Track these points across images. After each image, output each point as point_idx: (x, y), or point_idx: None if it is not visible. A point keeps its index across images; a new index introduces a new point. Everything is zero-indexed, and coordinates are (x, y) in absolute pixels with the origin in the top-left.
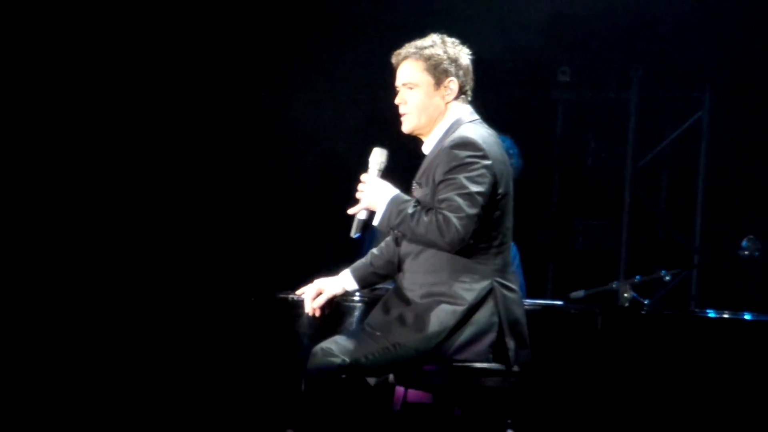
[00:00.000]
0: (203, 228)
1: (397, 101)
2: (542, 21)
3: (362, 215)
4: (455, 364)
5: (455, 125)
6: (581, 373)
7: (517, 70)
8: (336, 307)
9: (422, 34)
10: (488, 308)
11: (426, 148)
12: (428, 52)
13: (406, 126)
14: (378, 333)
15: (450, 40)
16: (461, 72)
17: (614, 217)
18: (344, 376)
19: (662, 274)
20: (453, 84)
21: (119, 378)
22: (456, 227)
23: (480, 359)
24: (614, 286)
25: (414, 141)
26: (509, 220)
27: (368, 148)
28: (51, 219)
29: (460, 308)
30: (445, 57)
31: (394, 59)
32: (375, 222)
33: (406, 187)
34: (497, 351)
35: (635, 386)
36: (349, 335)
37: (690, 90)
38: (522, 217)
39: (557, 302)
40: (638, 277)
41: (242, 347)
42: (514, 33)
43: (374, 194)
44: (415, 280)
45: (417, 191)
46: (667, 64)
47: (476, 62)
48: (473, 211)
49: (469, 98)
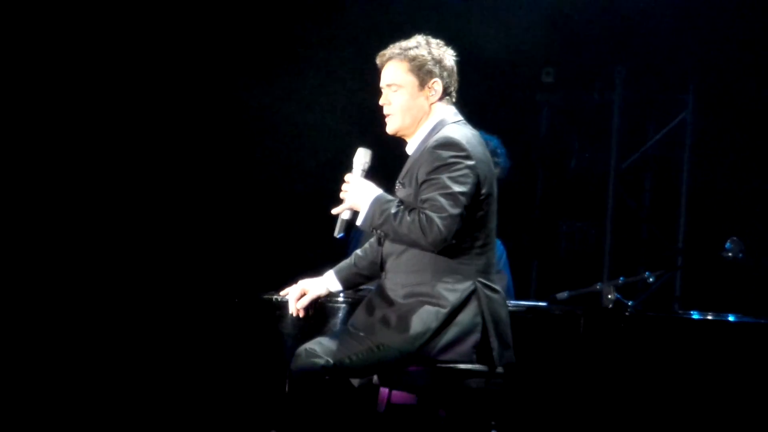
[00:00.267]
0: (187, 229)
1: (382, 102)
2: (526, 23)
3: (346, 215)
4: (439, 365)
5: (439, 126)
6: (566, 375)
7: (501, 72)
8: (320, 308)
9: (408, 35)
10: (471, 309)
11: (410, 149)
12: (413, 53)
13: (390, 126)
14: (362, 334)
15: (434, 41)
16: (445, 73)
17: (598, 219)
18: (328, 377)
19: (646, 276)
20: (437, 85)
21: (105, 378)
22: (438, 227)
23: (464, 360)
24: (598, 288)
25: (398, 141)
26: (493, 221)
27: (353, 149)
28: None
29: (444, 309)
30: (430, 58)
31: (379, 60)
32: (358, 222)
33: (390, 188)
34: (481, 352)
35: (619, 388)
36: (333, 336)
37: (674, 91)
38: (506, 218)
39: (541, 303)
40: (622, 279)
41: (226, 348)
42: (498, 35)
43: (358, 194)
44: (398, 280)
45: (400, 191)
46: (651, 66)
47: (460, 63)
48: (456, 211)
49: (454, 99)
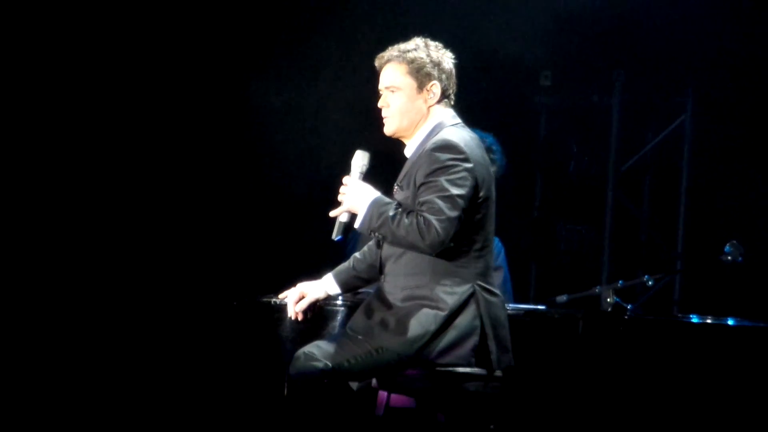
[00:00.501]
0: (185, 232)
1: (380, 104)
2: (525, 26)
3: (344, 218)
4: (438, 369)
5: (437, 128)
6: (564, 378)
7: (500, 75)
8: (319, 312)
9: (406, 38)
10: (470, 312)
11: (408, 151)
12: (411, 56)
13: (388, 129)
14: (360, 337)
15: (433, 44)
16: (444, 76)
17: (597, 222)
18: (327, 381)
19: (645, 279)
20: (435, 88)
21: (104, 381)
22: (436, 230)
23: (462, 363)
24: (597, 291)
25: (396, 144)
26: (491, 224)
27: (351, 151)
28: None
29: (442, 312)
30: (428, 60)
31: (377, 62)
32: (356, 225)
33: (388, 190)
34: (479, 355)
35: (618, 391)
36: (332, 339)
37: (672, 94)
38: (504, 221)
39: (540, 307)
40: (621, 282)
41: (225, 351)
42: (497, 37)
43: (356, 197)
44: (397, 283)
45: (398, 194)
46: (650, 69)
47: (459, 66)
48: (454, 214)
49: (452, 102)
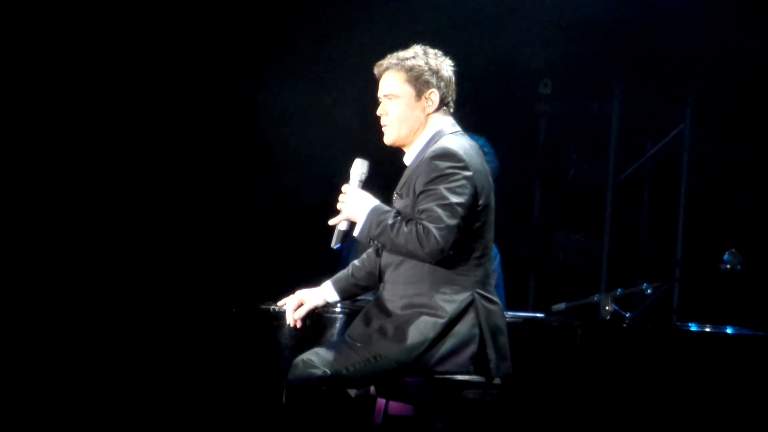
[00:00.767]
0: (184, 239)
1: (379, 112)
2: (524, 34)
3: (343, 226)
4: (436, 376)
5: (436, 136)
6: (563, 386)
7: (500, 83)
8: (317, 319)
9: (406, 46)
10: (469, 320)
11: (407, 159)
12: (410, 63)
13: (388, 137)
14: (359, 344)
15: (432, 52)
16: (443, 83)
17: (596, 230)
18: (325, 388)
19: (644, 287)
20: (434, 95)
21: (102, 388)
22: (436, 238)
23: (461, 371)
24: (596, 299)
25: (395, 152)
26: (490, 232)
27: (350, 159)
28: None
29: (441, 320)
30: (427, 68)
31: (376, 70)
32: (355, 233)
33: (387, 198)
34: (478, 363)
35: (617, 400)
36: (330, 347)
37: (672, 103)
38: (503, 229)
39: (538, 315)
40: (620, 290)
41: (223, 358)
42: (497, 45)
43: (355, 205)
44: (396, 292)
45: (398, 202)
46: (649, 77)
47: (458, 74)
48: (453, 222)
49: (451, 110)
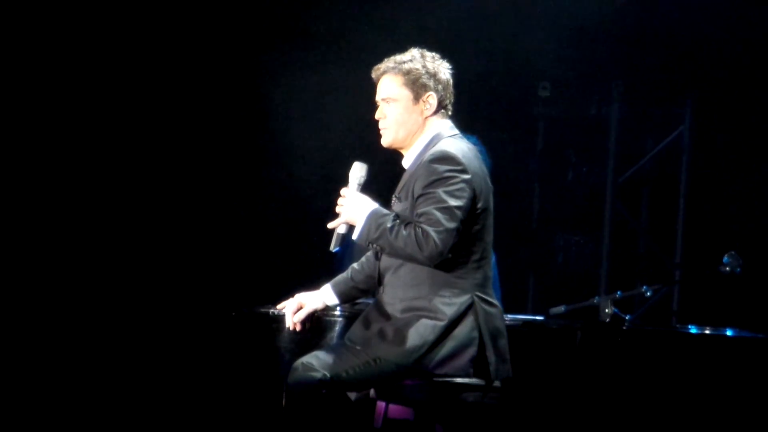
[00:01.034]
0: (183, 242)
1: (377, 116)
2: (523, 37)
3: (342, 229)
4: (436, 379)
5: (435, 140)
6: (563, 389)
7: (499, 86)
8: (317, 322)
9: (405, 49)
10: (469, 323)
11: (406, 163)
12: (407, 67)
13: (385, 140)
14: (358, 348)
15: (430, 55)
16: (440, 86)
17: (595, 233)
18: (325, 391)
19: (643, 290)
20: (432, 99)
21: (100, 391)
22: (434, 241)
23: (460, 374)
24: (595, 302)
25: (394, 155)
26: (489, 235)
27: (349, 163)
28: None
29: (441, 323)
30: (424, 71)
31: (374, 74)
32: (354, 236)
33: (386, 202)
34: (478, 366)
35: (616, 402)
36: (330, 350)
37: (671, 105)
38: (502, 232)
39: (538, 317)
40: (619, 293)
41: (223, 362)
42: (495, 49)
43: (353, 208)
44: (395, 295)
45: (396, 205)
46: (648, 80)
47: (457, 77)
48: (452, 225)
49: (449, 113)
